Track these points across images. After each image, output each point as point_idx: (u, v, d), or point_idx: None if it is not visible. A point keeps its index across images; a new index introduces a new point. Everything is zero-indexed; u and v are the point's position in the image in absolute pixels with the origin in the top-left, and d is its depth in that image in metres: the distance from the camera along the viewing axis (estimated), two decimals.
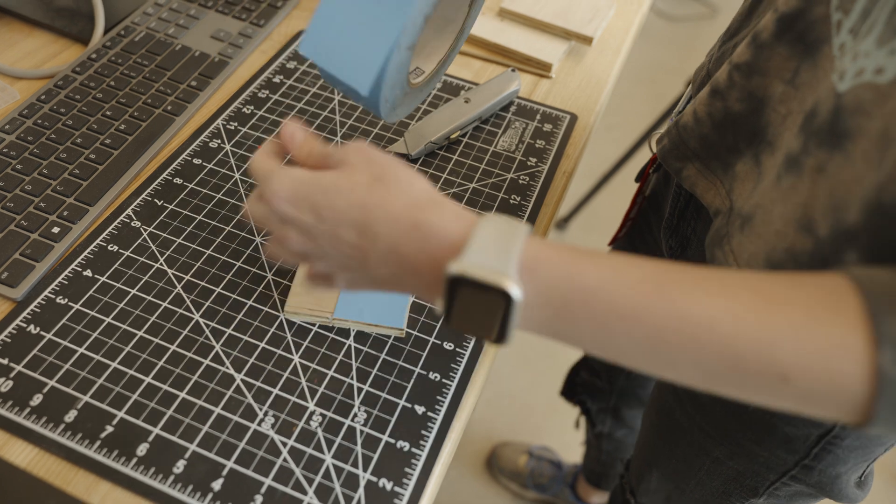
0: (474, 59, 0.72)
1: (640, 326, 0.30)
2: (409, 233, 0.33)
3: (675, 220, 0.55)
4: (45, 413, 0.43)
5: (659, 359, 0.31)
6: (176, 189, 0.56)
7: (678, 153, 0.49)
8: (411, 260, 0.33)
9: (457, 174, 0.60)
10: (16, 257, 0.50)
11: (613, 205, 1.76)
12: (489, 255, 0.31)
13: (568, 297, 0.31)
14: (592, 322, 0.31)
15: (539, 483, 1.30)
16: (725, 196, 0.45)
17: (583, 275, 0.31)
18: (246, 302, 0.50)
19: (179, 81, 0.64)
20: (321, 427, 0.44)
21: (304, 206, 0.35)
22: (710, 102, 0.45)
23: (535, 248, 0.32)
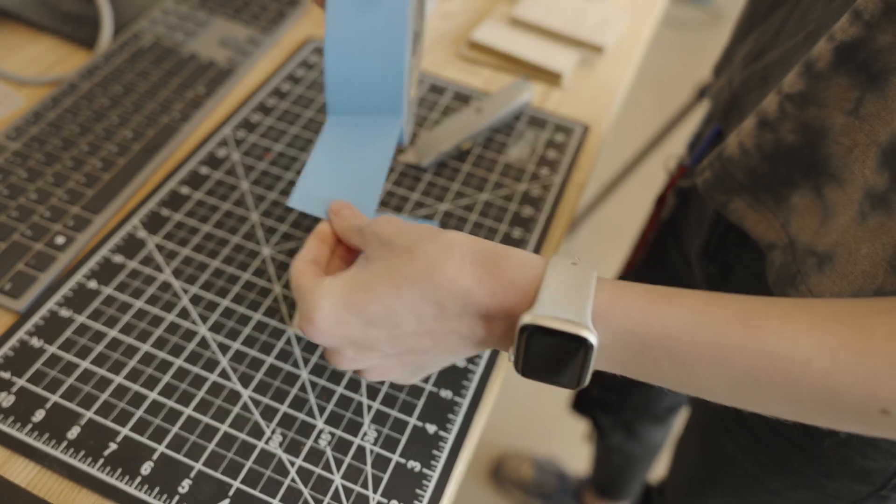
0: (484, 67, 0.71)
1: (728, 367, 0.29)
2: (476, 291, 0.32)
3: (712, 246, 0.54)
4: (47, 429, 0.42)
5: (748, 396, 0.30)
6: (183, 199, 0.55)
7: (723, 186, 0.47)
8: (482, 317, 0.32)
9: (468, 185, 0.59)
10: (19, 268, 0.49)
11: (621, 212, 1.75)
12: (562, 302, 0.30)
13: (647, 341, 0.30)
14: (675, 364, 0.30)
15: (544, 493, 1.28)
16: (780, 229, 0.44)
17: (661, 317, 0.30)
18: (253, 315, 0.49)
19: (187, 89, 0.63)
20: (330, 446, 0.43)
21: (351, 323, 0.33)
22: (758, 134, 0.43)
23: (608, 292, 0.31)
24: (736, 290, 0.52)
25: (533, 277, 0.32)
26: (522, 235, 0.56)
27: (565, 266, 0.32)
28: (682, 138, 1.66)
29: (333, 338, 0.34)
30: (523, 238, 0.55)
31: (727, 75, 0.54)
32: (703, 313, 0.30)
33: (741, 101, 0.51)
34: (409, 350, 0.35)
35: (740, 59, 0.52)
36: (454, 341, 0.34)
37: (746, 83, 0.50)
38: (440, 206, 0.57)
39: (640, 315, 0.30)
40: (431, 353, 0.35)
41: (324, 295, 0.34)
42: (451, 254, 0.32)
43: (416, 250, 0.33)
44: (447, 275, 0.32)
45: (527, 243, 0.55)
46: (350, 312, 0.33)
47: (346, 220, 0.39)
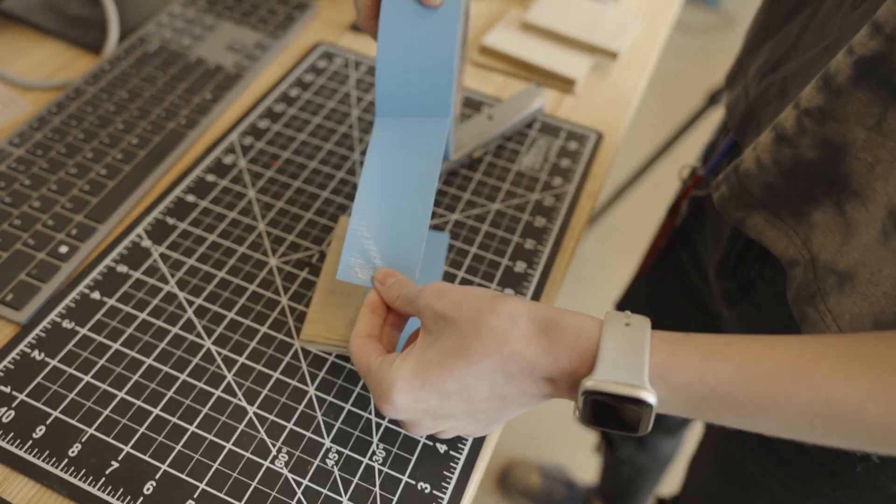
0: (496, 73, 0.70)
1: (784, 414, 0.31)
2: (542, 360, 0.34)
3: (731, 261, 0.52)
4: (47, 447, 0.41)
5: (807, 435, 0.32)
6: (188, 207, 0.54)
7: (740, 202, 0.46)
8: (548, 380, 0.34)
9: (479, 194, 0.58)
10: (21, 278, 0.48)
11: (629, 218, 1.73)
12: (620, 365, 0.32)
13: (704, 397, 0.32)
14: (733, 413, 0.32)
15: (552, 501, 1.27)
16: (801, 246, 0.42)
17: (715, 374, 0.32)
18: (260, 328, 0.47)
19: (194, 94, 0.62)
20: (337, 466, 0.42)
21: (429, 399, 0.35)
22: (775, 149, 0.42)
23: (662, 352, 0.33)
24: (757, 306, 0.51)
25: (590, 342, 0.34)
26: (535, 247, 0.54)
27: (619, 327, 0.34)
28: (692, 144, 1.64)
29: (412, 413, 0.36)
30: (536, 249, 0.54)
31: (742, 86, 0.53)
32: (754, 366, 0.32)
33: (758, 113, 0.49)
34: (483, 411, 0.37)
35: (755, 70, 0.51)
36: (524, 400, 0.36)
37: (763, 95, 0.49)
38: (451, 216, 0.56)
39: (695, 374, 0.32)
40: (504, 410, 0.37)
41: (398, 376, 0.36)
42: (515, 325, 0.34)
43: (480, 326, 0.34)
44: (515, 348, 0.34)
45: (540, 254, 0.54)
46: (427, 390, 0.35)
47: (392, 290, 0.41)
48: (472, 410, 0.36)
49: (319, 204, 0.55)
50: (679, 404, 0.33)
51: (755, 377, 0.31)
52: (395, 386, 0.35)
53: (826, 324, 0.39)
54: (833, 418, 0.30)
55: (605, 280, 1.60)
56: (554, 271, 0.53)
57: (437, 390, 0.35)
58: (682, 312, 0.75)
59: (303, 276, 0.51)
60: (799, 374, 0.31)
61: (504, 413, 0.37)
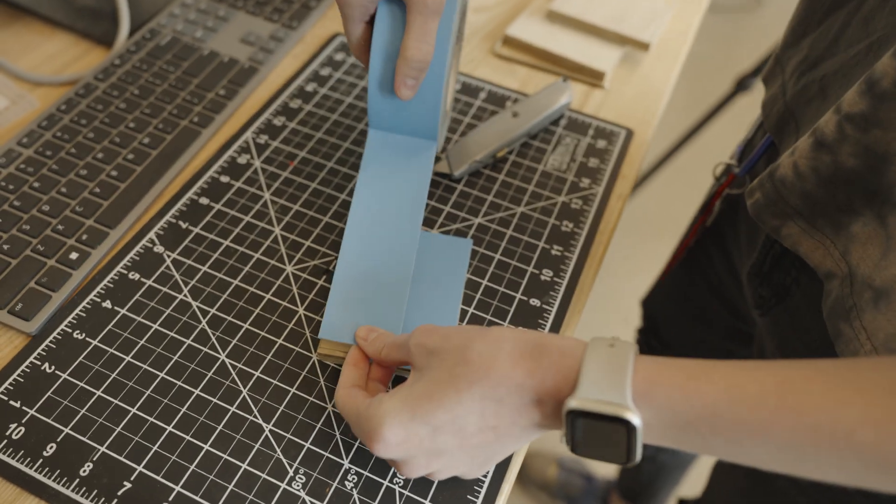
0: (520, 65, 0.67)
1: (772, 440, 0.29)
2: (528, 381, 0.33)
3: (765, 267, 0.49)
4: (58, 465, 0.40)
5: (799, 466, 0.30)
6: (202, 210, 0.52)
7: (776, 210, 0.43)
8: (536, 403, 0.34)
9: (503, 196, 0.55)
10: (31, 286, 0.46)
11: (651, 207, 1.69)
12: (602, 384, 0.31)
13: (689, 420, 0.31)
14: (720, 439, 0.31)
15: (569, 495, 1.25)
16: (839, 258, 0.40)
17: (700, 395, 0.31)
18: (276, 340, 0.46)
19: (207, 90, 0.59)
20: (357, 488, 0.40)
21: (420, 433, 0.34)
22: (814, 156, 0.39)
23: (646, 371, 0.32)
24: (792, 315, 0.48)
25: (574, 362, 0.33)
26: (562, 253, 0.52)
27: (603, 348, 0.33)
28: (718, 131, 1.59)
29: (404, 449, 0.35)
30: (563, 256, 0.51)
31: (779, 83, 0.50)
32: (740, 388, 0.30)
33: (796, 114, 0.46)
34: (475, 446, 0.35)
35: (794, 67, 0.48)
36: (516, 432, 0.35)
37: (802, 94, 0.46)
38: (474, 220, 0.53)
39: (679, 394, 0.31)
40: (496, 444, 0.35)
41: (387, 411, 0.34)
42: (500, 349, 0.34)
43: (467, 352, 0.34)
44: (502, 371, 0.33)
45: (567, 261, 0.51)
46: (418, 423, 0.34)
47: (376, 343, 0.41)
48: (465, 445, 0.35)
49: (337, 207, 0.53)
50: (665, 429, 0.32)
51: (740, 400, 0.30)
52: (384, 422, 0.34)
53: (860, 342, 0.37)
54: (822, 446, 0.29)
55: (627, 271, 1.57)
56: (582, 280, 0.51)
57: (428, 422, 0.34)
58: (712, 314, 0.72)
59: (320, 285, 0.49)
60: (784, 397, 0.29)
61: (497, 448, 0.36)
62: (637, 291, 0.98)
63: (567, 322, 0.48)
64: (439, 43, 0.46)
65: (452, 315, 0.47)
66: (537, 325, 0.48)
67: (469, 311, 0.48)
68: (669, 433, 0.32)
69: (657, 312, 0.85)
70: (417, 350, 0.36)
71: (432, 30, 0.44)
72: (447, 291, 0.48)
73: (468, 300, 0.49)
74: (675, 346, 0.83)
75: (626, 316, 1.48)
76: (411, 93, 0.46)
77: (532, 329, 0.47)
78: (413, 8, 0.43)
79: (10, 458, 0.40)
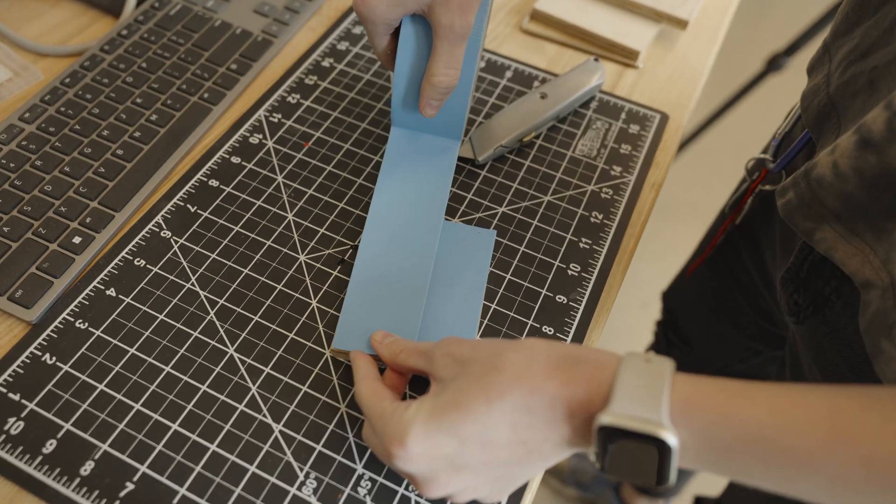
0: (549, 42, 0.63)
1: (820, 473, 0.27)
2: (562, 392, 0.31)
3: (802, 272, 0.46)
4: (58, 463, 0.38)
5: (848, 501, 0.28)
6: (211, 193, 0.49)
7: (810, 212, 0.40)
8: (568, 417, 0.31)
9: (529, 184, 0.52)
10: (32, 271, 0.44)
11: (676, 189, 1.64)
12: (637, 401, 0.29)
13: (728, 444, 0.29)
14: (762, 466, 0.28)
15: (580, 481, 1.24)
16: (880, 267, 0.36)
17: (742, 417, 0.29)
18: (287, 334, 0.43)
19: (218, 64, 0.56)
20: (370, 495, 0.38)
21: (445, 445, 0.32)
22: (858, 155, 0.35)
23: (684, 389, 0.30)
24: (832, 327, 0.45)
25: (608, 374, 0.31)
26: (591, 246, 0.49)
27: (639, 363, 0.31)
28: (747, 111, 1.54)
29: (427, 461, 0.32)
30: (592, 249, 0.48)
31: (824, 74, 0.45)
32: (786, 414, 0.28)
33: (839, 108, 0.42)
34: (502, 464, 0.33)
35: (842, 57, 0.43)
36: (546, 448, 0.32)
37: (848, 86, 0.41)
38: (498, 209, 0.50)
39: (718, 415, 0.29)
40: (524, 463, 0.33)
41: (413, 419, 0.32)
42: (534, 359, 0.32)
43: (499, 360, 0.32)
44: (535, 381, 0.31)
45: (596, 255, 0.48)
46: (444, 434, 0.32)
47: (393, 346, 0.39)
48: (491, 462, 0.32)
49: (353, 192, 0.50)
50: (701, 453, 0.29)
51: (786, 426, 0.28)
52: (410, 430, 0.32)
53: None
54: (876, 481, 0.27)
55: (649, 254, 1.54)
56: (612, 276, 0.48)
57: (456, 433, 0.32)
58: (739, 314, 0.69)
59: (334, 275, 0.46)
60: (838, 426, 0.27)
61: (522, 470, 0.34)
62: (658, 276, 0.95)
63: (595, 321, 0.45)
64: (466, 62, 0.45)
65: (474, 311, 0.44)
66: (563, 323, 0.45)
67: (491, 307, 0.45)
68: (707, 457, 0.29)
69: (678, 307, 0.82)
70: (444, 360, 0.34)
71: (459, 55, 0.44)
72: (469, 286, 0.46)
73: (490, 295, 0.46)
74: (696, 342, 0.80)
75: (645, 301, 1.45)
76: (435, 112, 0.47)
77: (559, 327, 0.45)
78: (440, 33, 0.43)
79: (8, 454, 0.38)
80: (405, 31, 0.45)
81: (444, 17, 0.42)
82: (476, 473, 0.33)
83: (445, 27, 0.42)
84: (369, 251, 0.46)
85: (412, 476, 0.34)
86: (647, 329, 1.30)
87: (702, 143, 1.62)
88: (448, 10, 0.42)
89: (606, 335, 1.36)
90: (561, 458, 0.34)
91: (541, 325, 0.45)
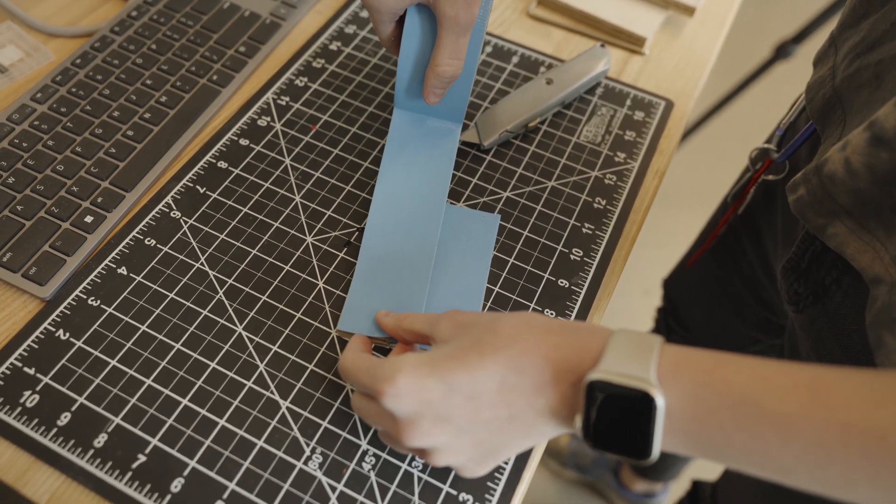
0: (555, 28, 0.63)
1: (798, 436, 0.28)
2: (553, 355, 0.32)
3: (804, 263, 0.46)
4: (73, 435, 0.39)
5: (827, 474, 0.28)
6: (220, 174, 0.50)
7: (821, 208, 0.40)
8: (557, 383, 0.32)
9: (533, 169, 0.52)
10: (45, 249, 0.45)
11: (680, 176, 1.64)
12: (627, 362, 0.30)
13: (713, 404, 0.29)
14: (743, 431, 0.29)
15: (580, 464, 1.26)
16: (890, 263, 0.36)
17: (727, 381, 0.29)
18: (294, 314, 0.44)
19: (227, 46, 0.57)
20: (374, 471, 0.39)
21: (434, 389, 0.33)
22: (870, 153, 0.36)
23: (673, 354, 0.31)
24: (831, 317, 0.45)
25: (601, 341, 0.32)
26: (593, 232, 0.49)
27: (632, 332, 0.32)
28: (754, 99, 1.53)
29: (413, 403, 0.33)
30: (594, 234, 0.49)
31: (830, 66, 0.45)
32: (768, 379, 0.29)
33: (844, 101, 0.42)
34: (484, 424, 0.33)
35: (848, 49, 0.43)
36: (529, 419, 0.33)
37: (853, 79, 0.42)
38: (502, 194, 0.51)
39: (705, 378, 0.30)
40: (506, 432, 0.33)
41: (406, 361, 0.33)
42: (530, 325, 0.34)
43: (497, 324, 0.34)
44: (528, 343, 0.33)
45: (598, 241, 0.49)
46: (434, 379, 0.33)
47: (395, 316, 0.40)
48: (475, 419, 0.33)
49: (359, 175, 0.51)
50: (687, 420, 0.30)
51: (769, 390, 0.29)
52: (401, 369, 0.33)
53: None
54: (853, 448, 0.27)
55: (651, 242, 1.54)
56: (613, 261, 0.48)
57: (445, 380, 0.33)
58: (740, 303, 0.69)
59: (340, 257, 0.47)
60: (816, 393, 0.28)
61: (504, 437, 0.34)
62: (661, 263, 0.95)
63: (596, 306, 0.46)
64: (470, 49, 0.46)
65: (478, 294, 0.45)
66: (565, 307, 0.46)
67: (494, 291, 0.46)
68: (690, 425, 0.30)
69: (679, 295, 0.83)
70: (447, 324, 0.36)
71: (463, 46, 0.45)
72: (473, 269, 0.46)
73: (493, 279, 0.47)
74: (697, 329, 0.81)
75: (647, 288, 1.45)
76: (439, 100, 0.48)
77: (561, 311, 0.45)
78: (444, 24, 0.43)
79: (23, 425, 0.39)
80: (410, 21, 0.45)
81: (449, 9, 0.43)
82: (458, 431, 0.33)
83: (450, 18, 0.43)
84: (374, 234, 0.46)
85: (395, 419, 0.34)
86: (648, 315, 1.31)
87: (708, 131, 1.62)
88: (453, 2, 0.42)
89: (608, 320, 1.37)
90: (541, 438, 0.34)
91: (543, 309, 0.46)
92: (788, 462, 0.28)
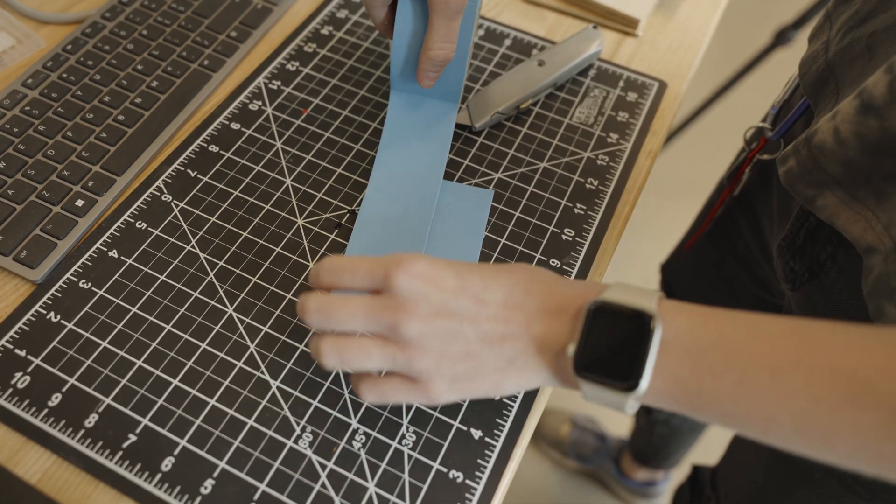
0: (548, 10, 0.63)
1: (787, 380, 0.28)
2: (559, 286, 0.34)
3: (799, 240, 0.46)
4: (63, 416, 0.39)
5: (811, 424, 0.28)
6: (211, 158, 0.50)
7: (811, 179, 0.40)
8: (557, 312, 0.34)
9: (525, 150, 0.52)
10: (36, 233, 0.45)
11: (678, 166, 1.64)
12: (630, 294, 0.32)
13: (706, 343, 0.30)
14: (733, 375, 0.29)
15: (581, 453, 1.26)
16: (882, 231, 0.36)
17: (720, 326, 0.31)
18: (285, 295, 0.44)
19: (218, 31, 0.57)
20: (364, 449, 0.39)
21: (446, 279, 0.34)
22: (859, 120, 0.35)
23: (671, 301, 0.32)
24: (827, 292, 0.45)
25: (605, 287, 0.34)
26: (585, 212, 0.49)
27: (630, 284, 0.34)
28: (753, 86, 1.52)
29: (424, 285, 0.33)
30: (586, 215, 0.49)
31: (823, 40, 0.45)
32: (758, 326, 0.30)
33: (837, 74, 0.42)
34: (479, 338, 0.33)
35: (842, 23, 0.43)
36: (520, 345, 0.33)
37: (846, 51, 0.41)
38: (494, 175, 0.51)
39: (700, 320, 0.31)
40: (493, 352, 0.34)
41: (421, 254, 0.35)
42: (542, 269, 0.36)
43: (512, 265, 0.36)
44: (541, 275, 0.35)
45: (590, 221, 0.49)
46: (451, 272, 0.34)
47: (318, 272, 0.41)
48: (476, 322, 0.33)
49: (350, 158, 0.51)
50: (679, 361, 0.31)
51: (760, 336, 0.30)
52: (418, 256, 0.34)
53: None
54: (841, 394, 0.27)
55: (649, 232, 1.54)
56: (605, 241, 0.48)
57: (460, 276, 0.34)
58: (737, 285, 0.69)
59: (331, 239, 0.47)
60: (807, 338, 0.29)
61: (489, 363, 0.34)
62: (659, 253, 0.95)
63: None
64: (462, 31, 0.46)
65: None
66: None
67: None
68: (681, 368, 0.30)
69: (676, 279, 0.82)
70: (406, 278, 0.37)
71: (455, 29, 0.45)
72: (465, 244, 0.46)
73: (485, 258, 0.47)
74: None
75: (646, 278, 1.45)
76: (433, 83, 0.49)
77: None
78: (436, 8, 0.44)
79: (15, 406, 0.39)
80: (402, 5, 0.45)
81: None
82: (453, 335, 0.33)
83: (441, 2, 0.43)
84: (370, 210, 0.47)
85: (397, 298, 0.33)
86: None
87: (707, 119, 1.61)
88: None
89: None
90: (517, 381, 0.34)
91: None
92: (774, 410, 0.29)
